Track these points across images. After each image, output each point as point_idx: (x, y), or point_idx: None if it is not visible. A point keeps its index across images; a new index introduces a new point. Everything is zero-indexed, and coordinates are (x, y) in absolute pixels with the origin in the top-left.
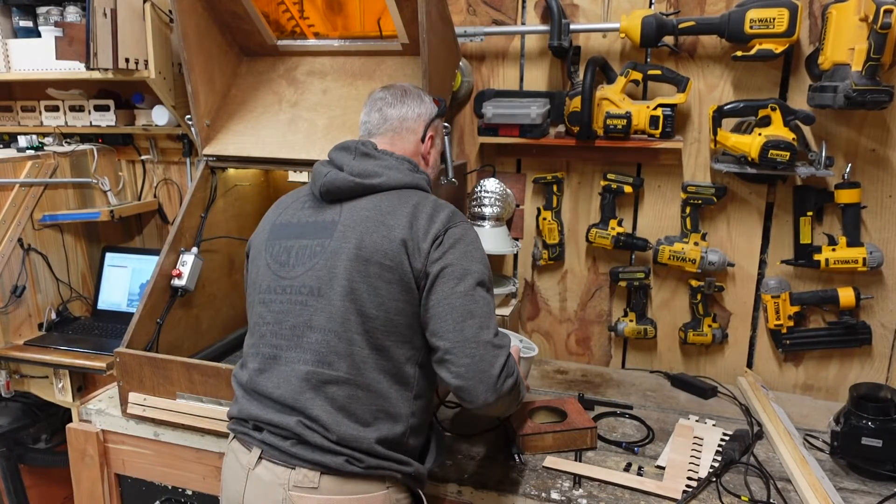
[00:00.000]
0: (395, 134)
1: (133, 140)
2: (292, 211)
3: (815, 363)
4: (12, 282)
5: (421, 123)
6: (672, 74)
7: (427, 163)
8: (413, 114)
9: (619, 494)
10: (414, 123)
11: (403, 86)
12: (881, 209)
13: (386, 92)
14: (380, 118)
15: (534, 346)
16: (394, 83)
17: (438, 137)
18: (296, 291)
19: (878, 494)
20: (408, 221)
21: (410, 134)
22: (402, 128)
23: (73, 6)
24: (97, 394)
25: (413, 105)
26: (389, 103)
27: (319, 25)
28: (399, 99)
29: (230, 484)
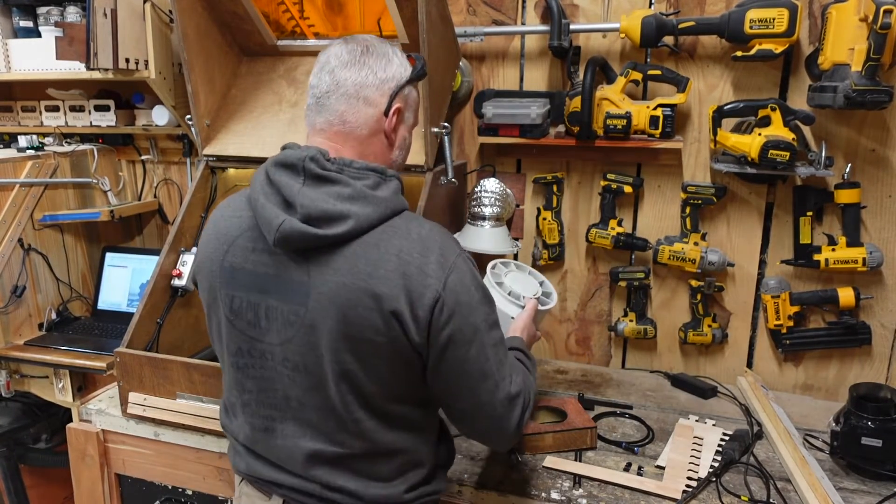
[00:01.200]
0: (349, 106)
1: (133, 140)
2: (242, 252)
3: (815, 363)
4: (12, 282)
5: (385, 93)
6: (672, 74)
7: (391, 143)
8: (374, 79)
9: (619, 494)
10: (374, 92)
11: (367, 39)
12: (881, 209)
13: (343, 47)
14: (331, 82)
15: (553, 293)
16: (356, 35)
17: (410, 111)
18: (278, 361)
19: (878, 494)
20: (396, 284)
21: (368, 107)
22: (358, 97)
23: (74, 6)
24: (97, 394)
25: (375, 66)
26: (345, 62)
27: (319, 25)
28: (358, 58)
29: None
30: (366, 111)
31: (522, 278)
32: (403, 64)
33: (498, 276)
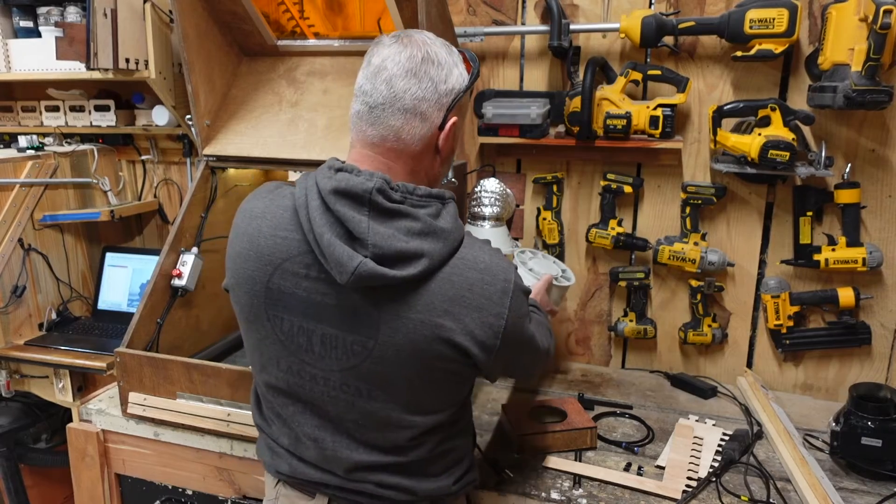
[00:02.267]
0: (405, 122)
1: (133, 140)
2: (292, 277)
3: (815, 363)
4: (12, 282)
5: (442, 107)
6: (672, 74)
7: (442, 157)
8: (433, 93)
9: (619, 494)
10: (432, 107)
11: (426, 42)
12: (881, 209)
13: (401, 52)
14: (388, 93)
15: (571, 277)
16: (412, 34)
17: (460, 122)
18: (334, 386)
19: (878, 494)
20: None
21: (424, 122)
22: (415, 112)
23: (74, 6)
24: (97, 394)
25: (437, 78)
26: (404, 72)
27: (319, 26)
28: (418, 67)
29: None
30: (421, 127)
31: (546, 264)
32: (462, 71)
33: (523, 260)
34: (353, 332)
